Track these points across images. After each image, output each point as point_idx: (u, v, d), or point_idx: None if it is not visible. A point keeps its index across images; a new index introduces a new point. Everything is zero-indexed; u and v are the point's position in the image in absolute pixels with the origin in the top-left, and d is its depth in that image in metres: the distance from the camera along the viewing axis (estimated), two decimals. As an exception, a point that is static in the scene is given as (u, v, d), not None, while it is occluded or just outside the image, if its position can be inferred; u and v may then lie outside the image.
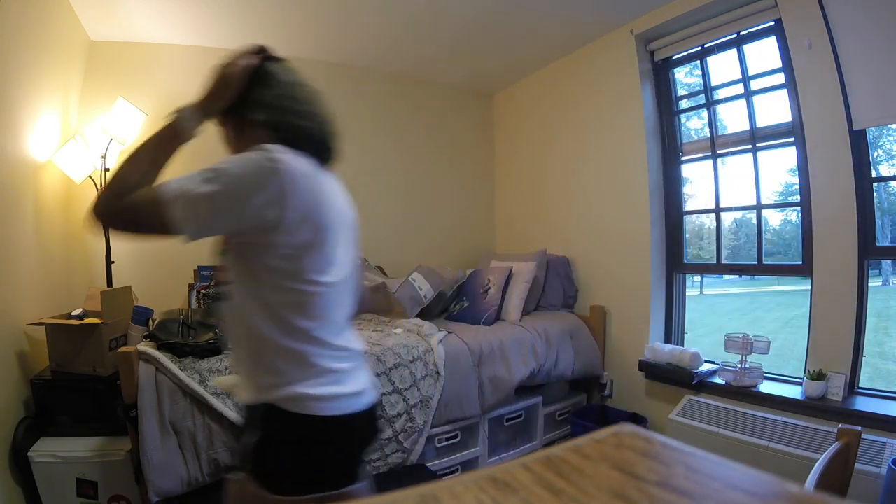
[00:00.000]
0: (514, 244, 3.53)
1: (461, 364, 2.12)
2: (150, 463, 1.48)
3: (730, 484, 0.26)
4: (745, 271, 2.39)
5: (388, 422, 1.84)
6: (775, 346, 2.10)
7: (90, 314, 1.83)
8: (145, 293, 2.32)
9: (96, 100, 2.42)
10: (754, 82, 2.26)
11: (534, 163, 3.34)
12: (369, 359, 1.87)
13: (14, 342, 1.74)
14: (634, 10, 2.45)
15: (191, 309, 1.88)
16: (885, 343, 2.26)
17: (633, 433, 0.33)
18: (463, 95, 3.59)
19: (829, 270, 1.91)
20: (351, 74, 3.10)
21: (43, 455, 1.64)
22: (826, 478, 0.76)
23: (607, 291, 2.76)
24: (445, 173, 3.52)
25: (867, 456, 1.55)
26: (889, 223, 1.91)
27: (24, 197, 1.89)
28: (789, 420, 1.86)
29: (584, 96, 2.90)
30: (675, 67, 2.60)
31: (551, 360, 2.40)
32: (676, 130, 2.58)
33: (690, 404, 2.15)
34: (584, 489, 0.26)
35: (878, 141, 1.92)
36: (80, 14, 2.23)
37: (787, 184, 2.27)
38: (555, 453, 0.31)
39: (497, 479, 0.27)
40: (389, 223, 3.27)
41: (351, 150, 3.55)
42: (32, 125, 1.92)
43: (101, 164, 2.28)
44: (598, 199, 2.82)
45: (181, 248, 3.03)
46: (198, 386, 1.56)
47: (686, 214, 2.59)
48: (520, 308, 2.60)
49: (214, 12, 2.35)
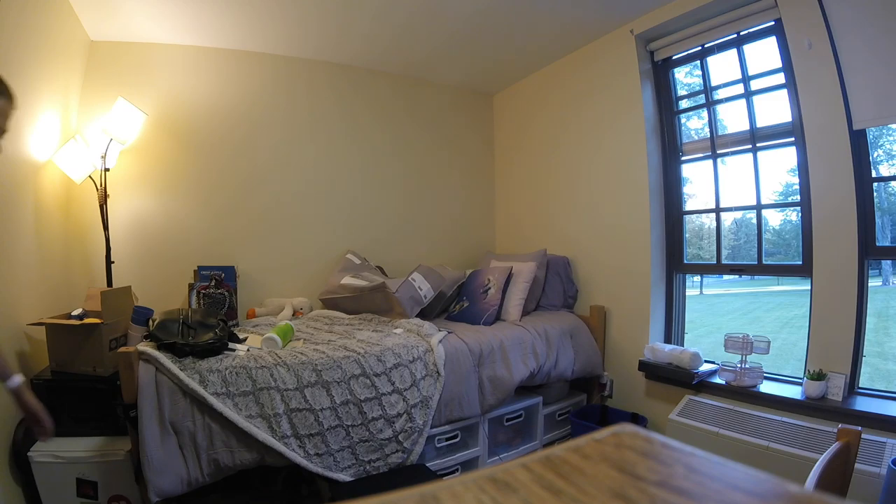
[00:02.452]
0: (514, 244, 3.53)
1: (461, 364, 2.12)
2: (151, 463, 1.48)
3: (730, 484, 0.26)
4: (745, 271, 2.39)
5: (387, 421, 1.84)
6: (775, 346, 2.10)
7: (90, 314, 1.83)
8: (145, 293, 2.32)
9: (96, 100, 2.42)
10: (754, 82, 2.26)
11: (534, 162, 3.34)
12: (369, 358, 1.88)
13: (14, 342, 1.74)
14: (634, 10, 2.45)
15: (191, 309, 1.88)
16: (885, 343, 2.26)
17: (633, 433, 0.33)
18: (463, 95, 3.59)
19: (829, 270, 1.91)
20: (351, 74, 3.11)
21: (43, 455, 1.64)
22: (826, 478, 0.76)
23: (607, 291, 2.76)
24: (445, 173, 3.53)
25: (867, 456, 1.55)
26: (889, 223, 1.91)
27: (24, 197, 1.90)
28: (789, 420, 1.86)
29: (585, 96, 2.90)
30: (675, 67, 2.60)
31: (551, 360, 2.40)
32: (676, 130, 2.58)
33: (690, 404, 2.15)
34: (584, 489, 0.26)
35: (878, 141, 1.92)
36: (80, 14, 2.23)
37: (787, 184, 2.27)
38: (555, 453, 0.31)
39: (497, 479, 0.27)
40: (389, 223, 3.27)
41: (351, 150, 3.58)
42: (32, 125, 1.92)
43: (101, 164, 2.28)
44: (599, 199, 2.82)
45: (182, 249, 3.05)
46: (198, 386, 1.56)
47: (686, 214, 2.59)
48: (520, 308, 2.60)
49: (214, 12, 2.35)
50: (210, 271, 2.37)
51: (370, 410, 1.81)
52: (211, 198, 2.73)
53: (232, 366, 1.66)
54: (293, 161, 2.95)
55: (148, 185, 2.58)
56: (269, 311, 2.71)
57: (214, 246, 2.71)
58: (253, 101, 2.84)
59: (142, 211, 2.57)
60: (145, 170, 2.57)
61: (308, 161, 3.00)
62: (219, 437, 1.57)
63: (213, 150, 2.74)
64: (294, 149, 2.96)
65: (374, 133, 3.22)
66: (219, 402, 1.56)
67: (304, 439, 1.67)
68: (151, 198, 2.60)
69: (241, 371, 1.66)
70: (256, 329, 2.27)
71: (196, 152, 2.70)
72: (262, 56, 2.84)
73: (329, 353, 1.86)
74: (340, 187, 3.09)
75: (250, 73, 2.82)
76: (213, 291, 2.32)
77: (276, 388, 1.67)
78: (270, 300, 2.78)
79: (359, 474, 1.77)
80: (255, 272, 2.79)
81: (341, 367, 1.81)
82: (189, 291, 2.41)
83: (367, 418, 1.79)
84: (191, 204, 2.68)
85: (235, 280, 2.49)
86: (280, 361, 1.73)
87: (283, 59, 2.89)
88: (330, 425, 1.72)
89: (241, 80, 2.80)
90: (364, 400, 1.80)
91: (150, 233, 2.58)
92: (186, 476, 1.53)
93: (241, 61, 2.79)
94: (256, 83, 2.84)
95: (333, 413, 1.74)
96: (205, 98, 2.71)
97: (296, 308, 2.75)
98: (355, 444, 1.77)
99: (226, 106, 2.77)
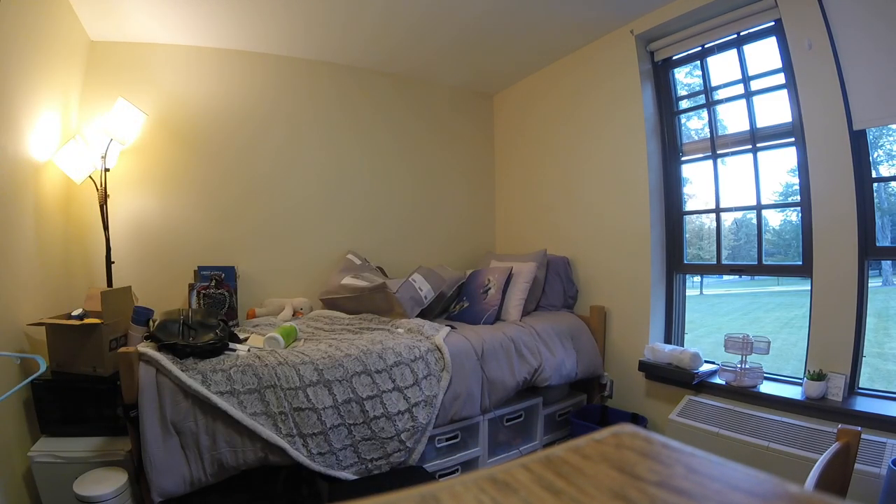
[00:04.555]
0: (514, 244, 3.53)
1: (464, 363, 2.12)
2: (153, 463, 1.48)
3: (730, 484, 0.26)
4: (745, 271, 2.39)
5: (389, 419, 1.84)
6: (775, 346, 2.10)
7: (90, 314, 1.83)
8: (145, 293, 2.32)
9: (96, 100, 2.42)
10: (754, 82, 2.26)
11: (534, 163, 3.34)
12: (371, 356, 1.88)
13: (14, 342, 1.74)
14: (635, 10, 2.45)
15: (191, 309, 1.88)
16: (885, 343, 2.26)
17: (633, 433, 0.33)
18: (463, 95, 3.59)
19: (829, 271, 1.91)
20: (355, 75, 3.11)
21: (43, 455, 1.64)
22: (826, 478, 0.76)
23: (607, 291, 2.76)
24: (446, 174, 3.53)
25: (867, 456, 1.55)
26: (889, 223, 1.91)
27: (24, 197, 1.89)
28: (789, 420, 1.86)
29: (585, 96, 2.90)
30: (675, 67, 2.60)
31: (552, 360, 2.40)
32: (676, 130, 2.58)
33: (690, 404, 2.15)
34: (584, 489, 0.26)
35: (878, 141, 1.92)
36: (80, 14, 2.23)
37: (787, 184, 2.27)
38: (555, 453, 0.31)
39: (497, 479, 0.27)
40: (390, 224, 3.27)
41: (353, 151, 3.57)
42: (32, 125, 1.92)
43: (101, 164, 2.28)
44: (599, 200, 2.82)
45: (182, 249, 3.04)
46: (200, 386, 1.56)
47: (686, 214, 2.59)
48: (520, 308, 2.60)
49: (215, 12, 2.35)
50: (210, 271, 2.37)
51: (372, 409, 1.81)
52: (211, 198, 2.73)
53: (236, 364, 1.66)
54: (294, 162, 2.95)
55: (148, 186, 2.58)
56: (269, 311, 2.71)
57: (214, 246, 2.71)
58: (255, 101, 2.84)
59: (142, 211, 2.57)
60: (146, 170, 2.57)
61: (309, 162, 3.00)
62: (222, 436, 1.57)
63: (214, 151, 2.74)
64: (296, 150, 2.96)
65: (376, 134, 3.22)
66: (223, 401, 1.56)
67: (307, 438, 1.67)
68: (152, 198, 2.60)
69: (247, 369, 1.66)
70: (257, 329, 2.27)
71: (197, 153, 2.70)
72: (265, 56, 2.84)
73: (330, 352, 1.86)
74: (342, 188, 3.09)
75: (252, 73, 2.82)
76: (213, 292, 2.32)
77: (279, 387, 1.67)
78: (270, 300, 2.78)
79: (361, 473, 1.77)
80: (255, 272, 2.79)
81: (343, 366, 1.81)
82: (189, 292, 2.41)
83: (369, 417, 1.80)
84: (191, 204, 2.68)
85: (235, 280, 2.49)
86: (282, 360, 1.73)
87: (285, 60, 2.88)
88: (332, 424, 1.72)
89: (243, 81, 2.80)
90: (366, 398, 1.81)
91: (150, 233, 2.58)
92: (189, 476, 1.53)
93: (243, 62, 2.79)
94: (259, 83, 2.84)
95: (335, 412, 1.74)
96: (206, 99, 2.71)
97: (296, 308, 2.75)
98: (357, 442, 1.77)
99: (227, 106, 2.77)
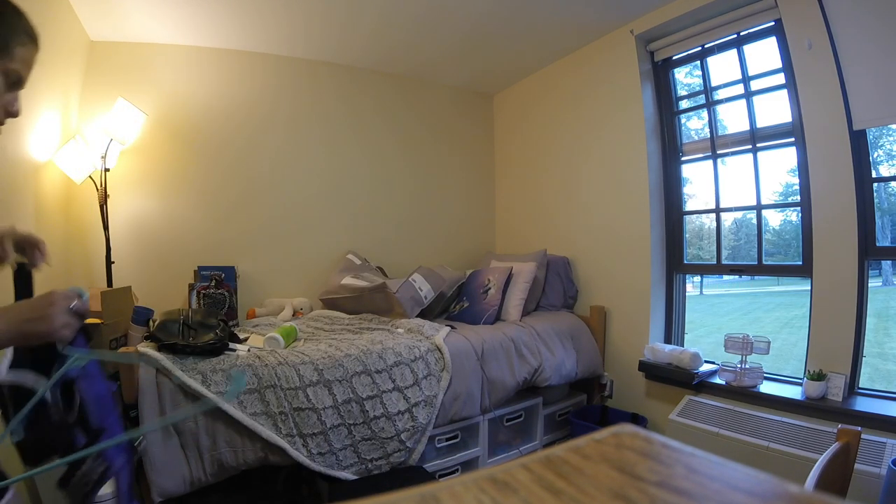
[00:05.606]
0: (514, 244, 3.53)
1: (464, 363, 2.12)
2: (153, 463, 1.48)
3: (730, 484, 0.26)
4: (745, 271, 2.39)
5: (389, 419, 1.84)
6: (775, 346, 2.10)
7: (90, 314, 1.83)
8: (145, 293, 2.32)
9: (96, 100, 2.42)
10: (754, 82, 2.26)
11: (534, 163, 3.34)
12: (371, 356, 1.88)
13: (14, 342, 1.73)
14: (634, 10, 2.45)
15: (191, 309, 1.88)
16: (885, 343, 2.27)
17: (633, 433, 0.33)
18: (463, 95, 3.59)
19: (829, 271, 1.91)
20: (355, 75, 3.11)
21: (43, 455, 1.64)
22: (826, 478, 0.76)
23: (607, 291, 2.76)
24: (446, 174, 3.53)
25: (867, 456, 1.55)
26: (889, 223, 1.91)
27: (24, 197, 1.89)
28: (789, 420, 1.86)
29: (585, 96, 2.90)
30: (675, 68, 2.60)
31: (552, 360, 2.40)
32: (676, 130, 2.58)
33: (690, 404, 2.15)
34: (584, 489, 0.26)
35: (878, 141, 1.92)
36: (80, 14, 2.23)
37: (787, 184, 2.27)
38: (555, 453, 0.31)
39: (497, 479, 0.27)
40: (390, 224, 3.27)
41: (354, 151, 3.56)
42: (32, 125, 1.92)
43: (101, 165, 2.28)
44: (599, 200, 2.82)
45: (182, 249, 3.03)
46: (200, 386, 1.56)
47: (686, 214, 2.59)
48: (520, 308, 2.60)
49: (215, 12, 2.35)
50: (210, 271, 2.37)
51: (372, 409, 1.81)
52: (211, 198, 2.73)
53: (236, 364, 1.66)
54: (294, 162, 2.95)
55: (148, 186, 2.58)
56: (269, 311, 2.71)
57: (214, 246, 2.71)
58: (255, 101, 2.84)
59: (142, 211, 2.57)
60: (146, 170, 2.57)
61: (310, 162, 3.00)
62: (222, 436, 1.57)
63: (214, 151, 2.74)
64: (296, 150, 2.96)
65: (376, 134, 3.22)
66: (223, 401, 1.56)
67: (307, 438, 1.67)
68: (152, 198, 2.60)
69: (247, 369, 1.66)
70: (257, 329, 2.27)
71: (197, 153, 2.70)
72: (265, 56, 2.84)
73: (330, 352, 1.86)
74: (342, 188, 3.09)
75: (252, 73, 2.82)
76: (213, 291, 2.32)
77: (279, 387, 1.67)
78: (270, 300, 2.78)
79: (361, 473, 1.77)
80: (255, 272, 2.79)
81: (343, 366, 1.81)
82: (189, 291, 2.41)
83: (369, 417, 1.80)
84: (191, 204, 2.68)
85: (235, 280, 2.49)
86: (282, 360, 1.73)
87: (285, 60, 2.88)
88: (332, 424, 1.72)
89: (243, 81, 2.80)
90: (366, 398, 1.81)
91: (150, 233, 2.58)
92: (189, 476, 1.53)
93: (243, 62, 2.79)
94: (259, 83, 2.84)
95: (335, 412, 1.74)
96: (206, 99, 2.71)
97: (296, 308, 2.75)
98: (357, 442, 1.77)
99: (227, 106, 2.77)
